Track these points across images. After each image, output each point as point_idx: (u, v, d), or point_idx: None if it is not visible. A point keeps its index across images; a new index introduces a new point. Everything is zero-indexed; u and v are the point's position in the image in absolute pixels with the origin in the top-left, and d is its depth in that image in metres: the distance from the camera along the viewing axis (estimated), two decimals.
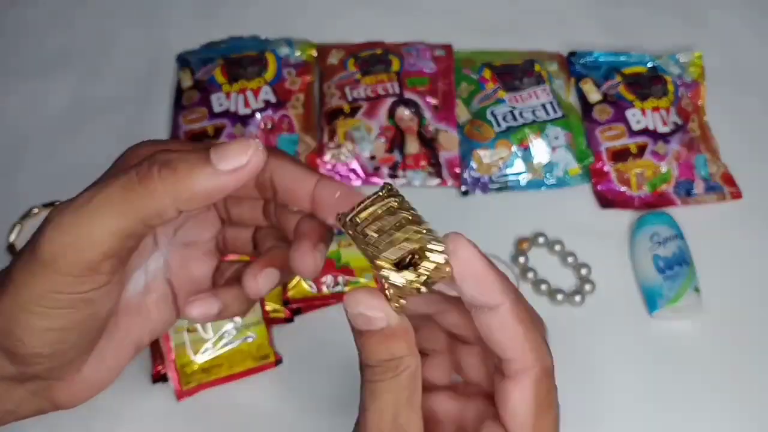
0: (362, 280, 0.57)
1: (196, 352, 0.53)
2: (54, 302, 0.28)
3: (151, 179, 0.27)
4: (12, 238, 0.61)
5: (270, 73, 0.68)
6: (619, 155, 0.65)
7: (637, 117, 0.66)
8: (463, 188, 0.64)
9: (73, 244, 0.27)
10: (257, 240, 0.36)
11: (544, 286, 0.58)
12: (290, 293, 0.56)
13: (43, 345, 0.29)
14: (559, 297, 0.58)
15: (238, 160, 0.27)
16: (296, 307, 0.57)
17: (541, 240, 0.61)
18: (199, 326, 0.53)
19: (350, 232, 0.27)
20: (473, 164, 0.64)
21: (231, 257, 0.37)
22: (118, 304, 0.33)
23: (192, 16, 0.76)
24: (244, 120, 0.65)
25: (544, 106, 0.66)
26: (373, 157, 0.65)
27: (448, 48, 0.72)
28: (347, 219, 0.27)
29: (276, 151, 0.33)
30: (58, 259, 0.27)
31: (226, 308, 0.34)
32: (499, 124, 0.65)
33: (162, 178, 0.27)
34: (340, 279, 0.57)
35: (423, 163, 0.65)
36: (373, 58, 0.70)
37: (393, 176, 0.64)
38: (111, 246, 0.27)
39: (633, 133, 0.66)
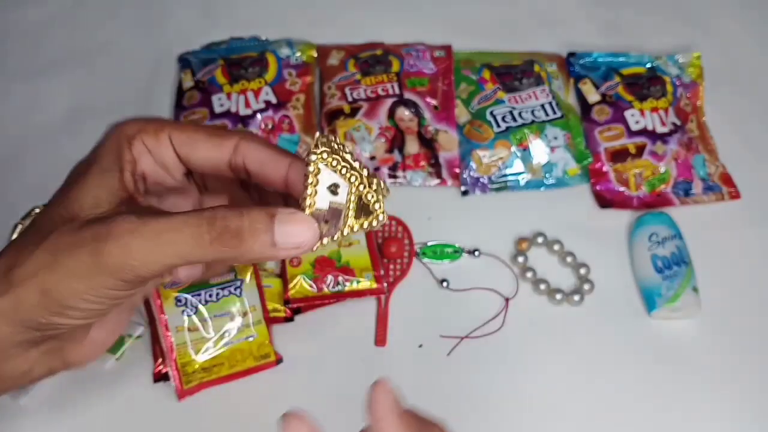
0: (362, 280, 0.58)
1: (197, 352, 0.53)
2: (106, 295, 0.32)
3: (221, 245, 0.30)
4: (14, 238, 0.61)
5: (270, 74, 0.69)
6: (618, 155, 0.65)
7: (635, 117, 0.67)
8: (463, 188, 0.64)
9: (136, 266, 0.31)
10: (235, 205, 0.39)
11: (543, 286, 0.59)
12: (291, 293, 0.57)
13: (80, 316, 0.33)
14: (558, 296, 0.58)
15: (297, 242, 0.31)
16: (296, 307, 0.57)
17: (540, 240, 0.61)
18: (200, 325, 0.54)
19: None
20: (473, 164, 0.65)
21: None
22: None
23: (193, 17, 0.77)
24: (245, 120, 0.66)
25: (543, 106, 0.67)
26: (373, 158, 0.65)
27: (447, 49, 0.72)
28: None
29: (248, 135, 0.35)
30: (118, 271, 0.31)
31: (208, 269, 0.37)
32: (498, 125, 0.66)
33: (228, 245, 0.30)
34: (341, 278, 0.57)
35: (423, 163, 0.65)
36: (373, 58, 0.70)
37: (393, 176, 0.65)
38: (163, 272, 0.32)
39: (632, 134, 0.66)
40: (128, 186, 0.34)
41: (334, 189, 0.30)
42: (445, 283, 0.59)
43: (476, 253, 0.61)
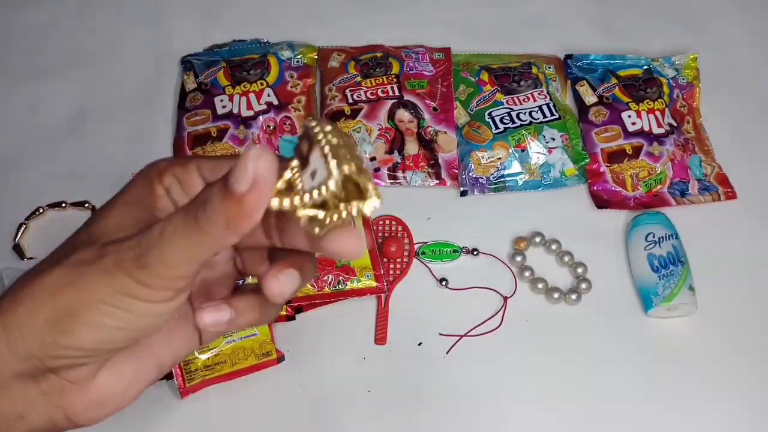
0: (363, 279, 0.58)
1: (199, 350, 0.54)
2: (125, 304, 0.30)
3: (202, 220, 0.29)
4: (18, 237, 0.61)
5: (272, 76, 0.69)
6: (615, 156, 0.66)
7: (632, 119, 0.67)
8: (462, 189, 0.65)
9: (155, 266, 0.29)
10: (272, 258, 0.37)
11: (541, 285, 0.59)
12: None
13: (90, 339, 0.30)
14: (556, 295, 0.59)
15: (246, 176, 0.28)
16: (298, 306, 0.58)
17: (538, 239, 0.62)
18: None
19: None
20: (471, 165, 0.65)
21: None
22: None
23: (196, 19, 0.77)
24: (247, 122, 0.66)
25: (540, 108, 0.67)
26: (373, 158, 0.66)
27: (446, 51, 0.73)
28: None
29: (209, 160, 0.34)
30: (140, 273, 0.29)
31: (238, 315, 0.33)
32: (496, 126, 0.66)
33: (208, 216, 0.29)
34: (341, 278, 0.58)
35: (422, 164, 0.66)
36: (373, 61, 0.71)
37: (393, 177, 0.65)
38: (185, 272, 0.30)
39: (628, 135, 0.67)
40: (160, 217, 0.33)
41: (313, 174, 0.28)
42: (444, 283, 0.60)
43: (475, 252, 0.61)
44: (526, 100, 0.68)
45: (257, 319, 0.35)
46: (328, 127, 0.28)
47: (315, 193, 0.28)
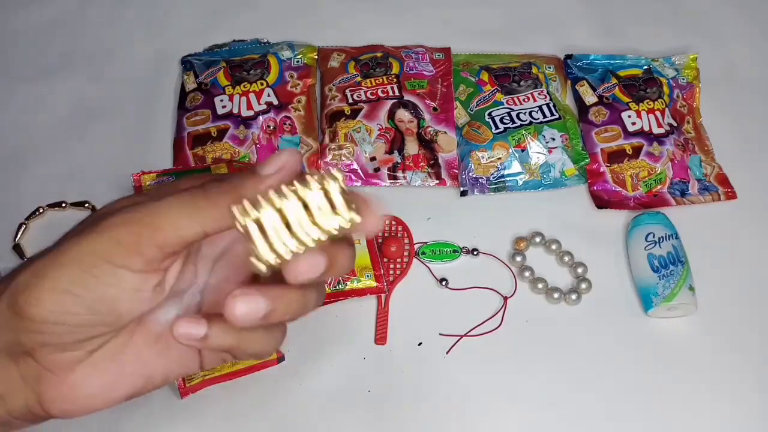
0: (363, 279, 0.58)
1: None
2: (98, 269, 0.30)
3: (211, 191, 0.31)
4: (18, 237, 0.61)
5: (272, 76, 0.69)
6: (615, 156, 0.66)
7: (632, 119, 0.67)
8: (462, 189, 0.65)
9: (146, 230, 0.30)
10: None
11: (541, 285, 0.59)
12: None
13: (55, 309, 0.30)
14: (556, 295, 0.59)
15: (276, 163, 0.31)
16: None
17: (538, 239, 0.62)
18: None
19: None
20: (471, 165, 0.65)
21: None
22: (140, 323, 0.33)
23: (196, 19, 0.77)
24: (247, 122, 0.67)
25: (540, 108, 0.68)
26: (373, 158, 0.66)
27: (446, 51, 0.73)
28: None
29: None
30: (129, 238, 0.30)
31: (275, 301, 0.31)
32: (496, 126, 0.66)
33: (222, 192, 0.31)
34: (341, 278, 0.58)
35: (422, 164, 0.66)
36: (373, 61, 0.71)
37: (393, 177, 0.65)
38: (175, 240, 0.30)
39: (628, 135, 0.67)
40: None
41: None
42: (444, 283, 0.60)
43: (475, 252, 0.61)
44: (526, 100, 0.68)
45: (298, 307, 0.33)
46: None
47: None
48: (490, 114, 0.67)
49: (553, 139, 0.66)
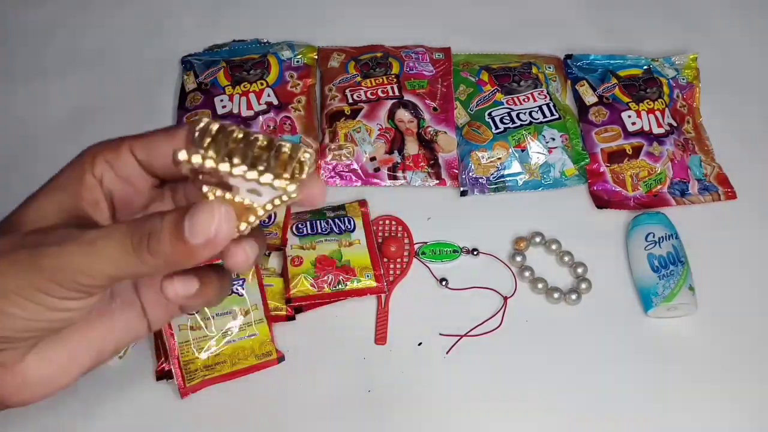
0: (363, 279, 0.58)
1: (199, 350, 0.54)
2: (37, 298, 0.30)
3: (141, 251, 0.29)
4: None
5: (272, 76, 0.69)
6: (615, 156, 0.66)
7: (632, 119, 0.67)
8: (462, 189, 0.65)
9: (75, 271, 0.29)
10: None
11: (541, 285, 0.59)
12: (292, 292, 0.57)
13: (4, 328, 0.30)
14: (556, 295, 0.59)
15: (206, 234, 0.28)
16: (298, 306, 0.58)
17: (538, 239, 0.62)
18: (202, 324, 0.54)
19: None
20: (471, 165, 0.65)
21: None
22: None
23: (196, 19, 0.77)
24: (247, 122, 0.67)
25: (540, 108, 0.68)
26: (373, 158, 0.66)
27: (446, 51, 0.73)
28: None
29: (141, 137, 0.33)
30: (57, 273, 0.29)
31: (204, 286, 0.32)
32: (496, 126, 0.66)
33: (148, 251, 0.29)
34: (341, 278, 0.58)
35: (422, 164, 0.66)
36: (373, 61, 0.71)
37: (393, 177, 0.65)
38: (103, 283, 0.30)
39: (628, 135, 0.67)
40: (85, 206, 0.33)
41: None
42: (444, 282, 0.60)
43: (475, 252, 0.61)
44: (526, 100, 0.68)
45: (218, 292, 0.34)
46: (207, 150, 0.27)
47: (269, 206, 0.28)
48: (490, 114, 0.67)
49: (553, 139, 0.66)
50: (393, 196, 0.64)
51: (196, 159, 0.27)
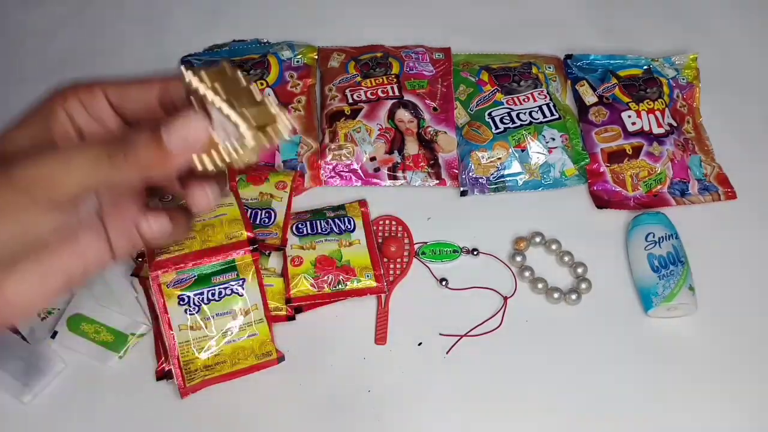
0: (363, 279, 0.58)
1: (199, 350, 0.54)
2: (12, 216, 0.32)
3: (118, 160, 0.31)
4: None
5: (272, 76, 0.69)
6: (615, 156, 0.66)
7: (632, 119, 0.67)
8: (462, 189, 0.65)
9: (48, 183, 0.31)
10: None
11: (541, 285, 0.59)
12: (292, 292, 0.57)
13: None
14: (556, 295, 0.59)
15: (182, 136, 0.31)
16: (298, 306, 0.58)
17: (538, 239, 0.62)
18: (202, 324, 0.54)
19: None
20: (471, 165, 0.65)
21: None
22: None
23: (196, 19, 0.77)
24: None
25: (540, 108, 0.68)
26: (373, 158, 0.66)
27: (446, 51, 0.73)
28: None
29: (115, 83, 0.36)
30: (31, 186, 0.31)
31: (172, 225, 0.35)
32: (496, 126, 0.66)
33: (125, 160, 0.31)
34: (341, 278, 0.58)
35: (422, 164, 0.66)
36: (373, 61, 0.71)
37: (393, 177, 0.65)
38: (78, 191, 0.32)
39: (628, 135, 0.67)
40: (56, 138, 0.35)
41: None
42: (444, 282, 0.60)
43: (475, 252, 0.61)
44: (526, 100, 0.68)
45: (183, 230, 0.36)
46: (207, 79, 0.30)
47: (225, 155, 0.30)
48: (490, 114, 0.67)
49: (553, 139, 0.66)
50: (393, 196, 0.64)
51: (188, 76, 0.30)
